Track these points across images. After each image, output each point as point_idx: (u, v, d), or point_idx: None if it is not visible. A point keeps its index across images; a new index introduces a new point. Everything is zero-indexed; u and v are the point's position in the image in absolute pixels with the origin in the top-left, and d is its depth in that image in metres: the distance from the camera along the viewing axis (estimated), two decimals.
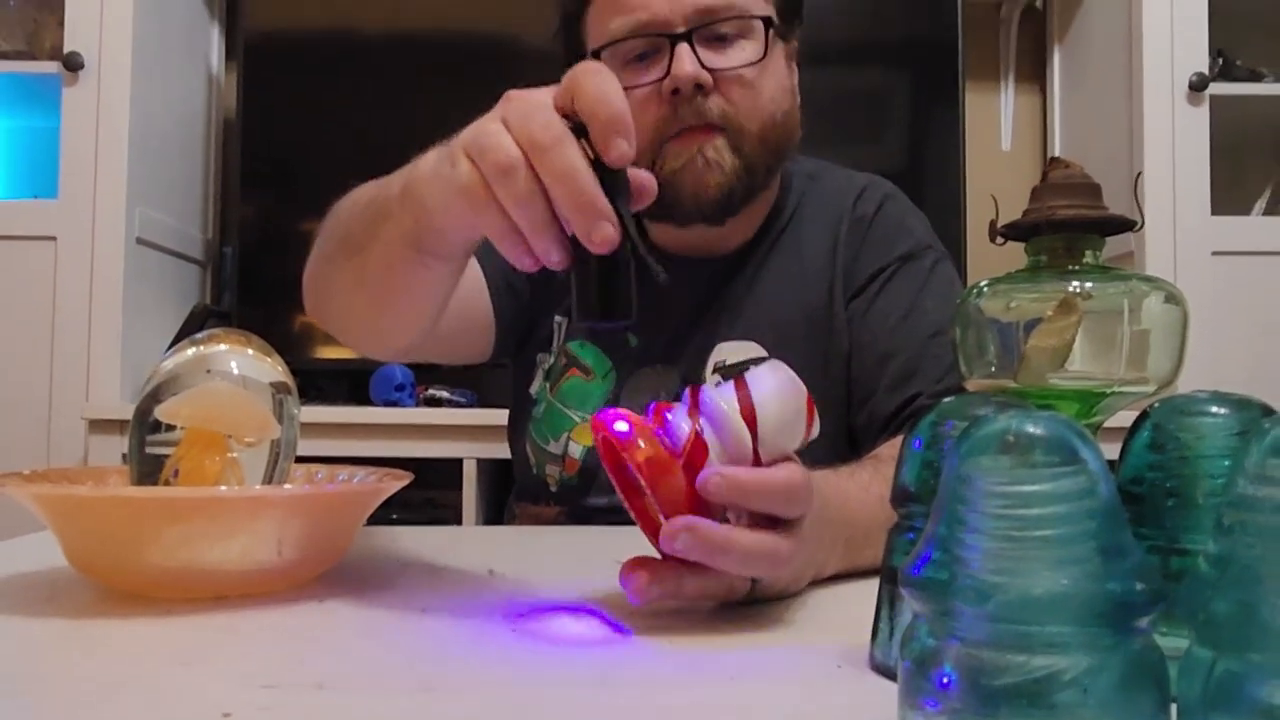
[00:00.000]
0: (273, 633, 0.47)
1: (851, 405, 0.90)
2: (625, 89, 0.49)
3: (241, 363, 0.60)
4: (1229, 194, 1.89)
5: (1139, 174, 1.73)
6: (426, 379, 1.82)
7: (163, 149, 1.85)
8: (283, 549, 0.52)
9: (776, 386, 0.47)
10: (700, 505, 0.46)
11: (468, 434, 1.64)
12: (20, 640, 0.46)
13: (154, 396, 0.58)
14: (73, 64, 1.69)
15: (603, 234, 0.47)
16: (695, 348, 0.91)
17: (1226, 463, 0.34)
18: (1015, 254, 0.48)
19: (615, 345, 0.93)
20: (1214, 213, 1.76)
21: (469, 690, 0.39)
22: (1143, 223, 0.49)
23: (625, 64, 0.84)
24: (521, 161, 0.48)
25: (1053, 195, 0.46)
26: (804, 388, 0.48)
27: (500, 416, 1.07)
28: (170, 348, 0.61)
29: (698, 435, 0.47)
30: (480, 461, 1.65)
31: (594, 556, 0.63)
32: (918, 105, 1.96)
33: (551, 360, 0.95)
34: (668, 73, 0.82)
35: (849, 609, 0.52)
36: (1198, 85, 1.74)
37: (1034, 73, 2.19)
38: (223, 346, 0.60)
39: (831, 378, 0.90)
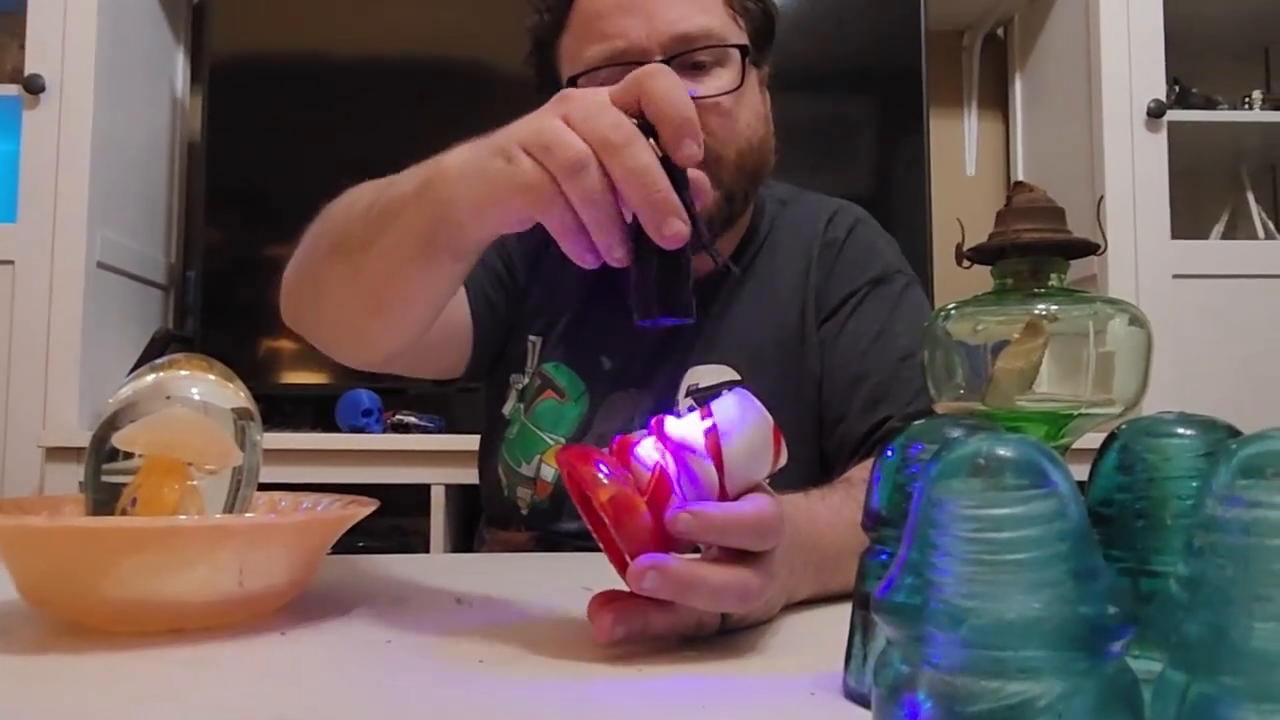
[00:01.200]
0: (234, 666, 0.46)
1: (823, 428, 0.90)
2: None
3: (202, 388, 0.59)
4: (1188, 218, 1.93)
5: (1101, 198, 1.76)
6: (394, 404, 1.80)
7: (125, 172, 1.83)
8: (244, 579, 0.51)
9: (741, 417, 0.47)
10: (667, 541, 0.45)
11: (435, 460, 1.62)
12: None
13: (111, 423, 0.56)
14: (34, 86, 1.66)
15: (674, 229, 0.48)
16: (668, 371, 0.91)
17: (1194, 483, 0.34)
18: (981, 277, 0.48)
19: (589, 367, 0.93)
20: (1174, 236, 1.80)
21: None
22: (1105, 246, 0.50)
23: None
24: (592, 159, 0.48)
25: (1017, 219, 0.46)
26: (769, 417, 0.48)
27: (468, 442, 1.06)
28: (130, 373, 0.60)
29: (662, 470, 0.46)
30: (448, 488, 1.64)
31: (564, 584, 0.63)
32: (883, 132, 1.99)
33: (526, 381, 0.95)
34: None
35: (822, 635, 0.51)
36: (1155, 112, 1.78)
37: (997, 99, 2.23)
38: (183, 372, 0.59)
39: (804, 400, 0.90)
